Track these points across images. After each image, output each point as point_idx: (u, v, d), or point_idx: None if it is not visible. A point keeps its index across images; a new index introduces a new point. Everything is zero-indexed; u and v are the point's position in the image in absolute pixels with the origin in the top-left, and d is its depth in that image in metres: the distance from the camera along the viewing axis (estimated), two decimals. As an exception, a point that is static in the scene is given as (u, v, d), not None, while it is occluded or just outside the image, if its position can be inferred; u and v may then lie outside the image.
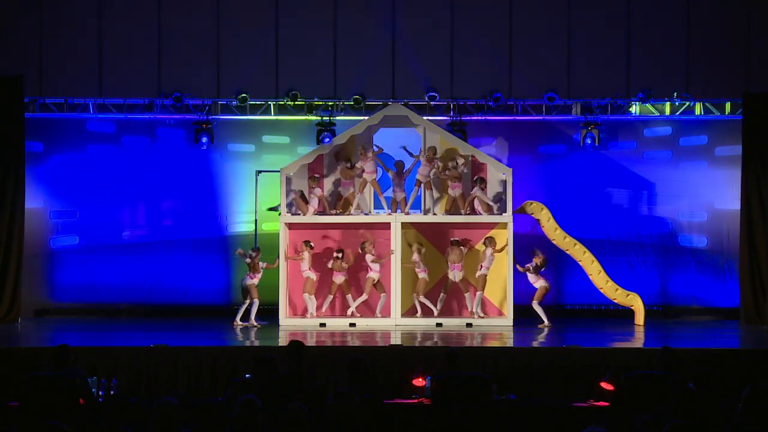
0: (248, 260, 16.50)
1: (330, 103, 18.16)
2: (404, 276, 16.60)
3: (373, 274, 16.55)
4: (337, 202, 16.89)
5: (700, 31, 18.19)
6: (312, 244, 16.63)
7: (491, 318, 16.64)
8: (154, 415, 6.99)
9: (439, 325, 16.35)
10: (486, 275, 16.50)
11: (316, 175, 16.86)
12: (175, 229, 19.00)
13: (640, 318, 16.93)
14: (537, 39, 18.31)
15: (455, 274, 16.64)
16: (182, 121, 18.62)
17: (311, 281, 16.63)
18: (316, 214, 16.78)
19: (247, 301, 16.56)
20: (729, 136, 18.35)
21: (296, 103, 18.05)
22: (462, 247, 16.62)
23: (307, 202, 16.67)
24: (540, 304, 16.69)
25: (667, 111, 18.60)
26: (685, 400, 9.51)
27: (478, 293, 16.49)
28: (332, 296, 16.73)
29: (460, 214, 16.71)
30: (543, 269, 16.78)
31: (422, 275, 16.62)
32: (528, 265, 16.72)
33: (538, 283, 16.77)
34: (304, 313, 16.79)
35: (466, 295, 16.67)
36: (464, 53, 18.25)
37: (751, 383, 7.25)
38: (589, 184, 18.94)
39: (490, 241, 16.55)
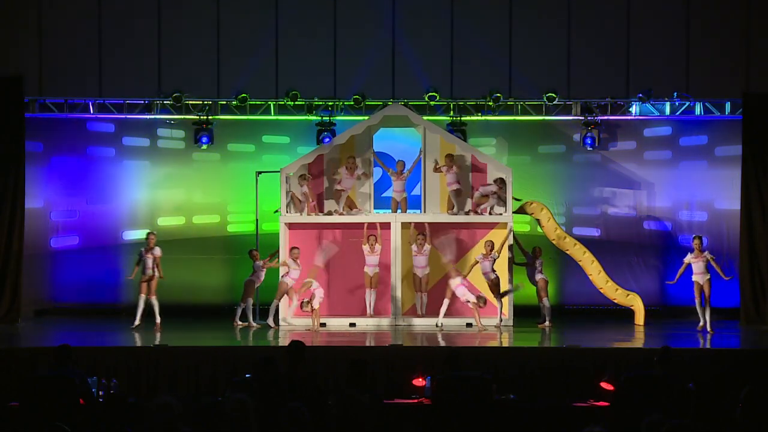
0: (261, 263, 16.62)
1: (330, 103, 18.16)
2: (405, 275, 16.58)
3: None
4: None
5: (700, 31, 18.21)
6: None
7: (491, 318, 16.62)
8: (152, 414, 6.98)
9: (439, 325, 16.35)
10: (494, 278, 16.19)
11: (307, 174, 16.76)
12: (175, 229, 19.01)
13: (640, 318, 16.94)
14: (537, 39, 18.34)
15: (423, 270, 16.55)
16: (182, 121, 18.63)
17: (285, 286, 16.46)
18: (315, 214, 16.81)
19: (251, 300, 16.59)
20: (729, 136, 18.34)
21: (296, 103, 18.05)
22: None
23: (300, 201, 16.66)
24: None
25: (667, 111, 18.59)
26: (685, 400, 9.52)
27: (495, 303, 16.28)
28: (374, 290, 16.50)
29: (459, 214, 16.70)
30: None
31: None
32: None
33: (538, 276, 16.76)
34: (304, 313, 16.72)
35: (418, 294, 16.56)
36: (464, 53, 18.27)
37: (750, 383, 7.24)
38: (589, 184, 18.95)
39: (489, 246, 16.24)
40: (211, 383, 12.91)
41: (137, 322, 16.19)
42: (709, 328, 15.80)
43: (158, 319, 16.28)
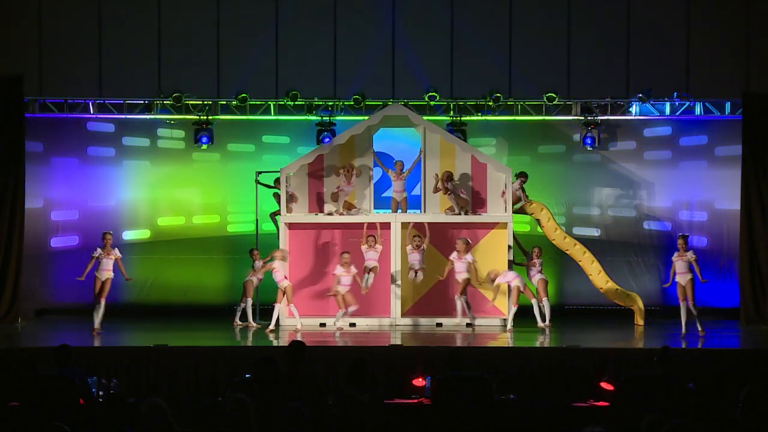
0: (260, 263, 16.63)
1: (330, 103, 18.17)
2: (404, 275, 16.56)
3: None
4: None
5: (700, 31, 18.21)
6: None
7: (491, 318, 16.62)
8: (149, 415, 6.98)
9: (439, 325, 16.35)
10: (466, 278, 16.00)
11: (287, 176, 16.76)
12: (175, 229, 19.00)
13: (640, 318, 16.94)
14: (537, 39, 18.34)
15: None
16: (182, 121, 18.62)
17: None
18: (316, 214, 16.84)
19: (250, 300, 16.60)
20: (729, 136, 18.35)
21: (296, 103, 18.06)
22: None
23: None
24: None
25: (667, 111, 18.59)
26: (685, 400, 9.52)
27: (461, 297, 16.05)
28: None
29: (460, 214, 16.69)
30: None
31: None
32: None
33: (537, 276, 16.73)
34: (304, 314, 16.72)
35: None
36: (464, 53, 18.27)
37: (750, 383, 7.25)
38: (589, 184, 18.95)
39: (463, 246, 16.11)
40: (211, 383, 12.92)
41: (96, 326, 15.49)
42: (686, 329, 15.37)
43: (97, 325, 15.44)
